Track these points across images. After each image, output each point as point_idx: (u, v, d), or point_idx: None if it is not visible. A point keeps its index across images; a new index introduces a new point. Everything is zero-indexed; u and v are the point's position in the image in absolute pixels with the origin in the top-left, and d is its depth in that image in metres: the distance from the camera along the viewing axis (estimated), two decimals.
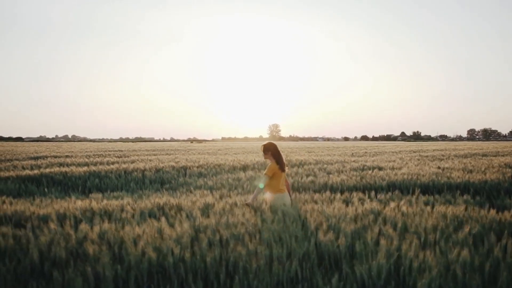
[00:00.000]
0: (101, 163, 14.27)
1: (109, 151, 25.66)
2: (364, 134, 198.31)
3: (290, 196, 5.78)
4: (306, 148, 33.26)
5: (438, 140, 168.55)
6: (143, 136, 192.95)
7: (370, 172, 10.43)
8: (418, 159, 15.85)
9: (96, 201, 6.38)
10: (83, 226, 4.50)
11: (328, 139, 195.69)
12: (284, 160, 5.55)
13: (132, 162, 14.82)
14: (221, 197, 6.75)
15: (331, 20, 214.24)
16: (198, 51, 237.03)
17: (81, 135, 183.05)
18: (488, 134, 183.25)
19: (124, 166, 12.33)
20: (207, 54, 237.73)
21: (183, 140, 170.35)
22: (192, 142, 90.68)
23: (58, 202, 6.53)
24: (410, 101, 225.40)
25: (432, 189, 8.11)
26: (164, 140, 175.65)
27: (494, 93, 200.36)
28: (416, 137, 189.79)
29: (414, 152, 23.15)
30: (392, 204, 5.49)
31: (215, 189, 8.42)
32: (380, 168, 11.73)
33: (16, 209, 5.95)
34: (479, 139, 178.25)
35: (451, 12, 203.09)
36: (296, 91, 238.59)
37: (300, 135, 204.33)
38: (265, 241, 3.83)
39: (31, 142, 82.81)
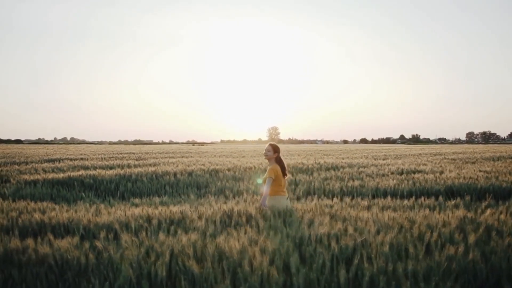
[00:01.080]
0: (127, 166, 13.73)
1: (122, 153, 25.10)
2: (363, 137, 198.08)
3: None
4: (319, 150, 32.78)
5: (437, 143, 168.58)
6: (141, 139, 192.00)
7: (415, 176, 9.95)
8: (450, 162, 15.38)
9: (153, 208, 5.87)
10: (164, 238, 4.00)
11: (327, 142, 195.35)
12: (286, 165, 5.49)
13: (155, 165, 14.29)
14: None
15: (331, 23, 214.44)
16: (197, 54, 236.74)
17: (80, 137, 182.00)
18: (487, 137, 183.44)
19: (152, 169, 11.80)
20: (206, 57, 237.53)
21: (183, 143, 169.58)
22: (193, 145, 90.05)
23: (111, 209, 6.01)
24: (409, 104, 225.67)
25: (499, 194, 7.64)
26: (163, 143, 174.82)
27: (492, 96, 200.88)
28: (416, 140, 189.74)
29: (436, 155, 22.70)
30: (488, 211, 5.02)
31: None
32: (420, 172, 11.24)
33: (69, 216, 5.43)
34: (478, 142, 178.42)
35: (450, 16, 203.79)
36: (295, 94, 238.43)
37: (299, 138, 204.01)
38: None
39: (31, 145, 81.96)
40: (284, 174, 5.37)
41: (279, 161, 5.37)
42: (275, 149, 5.39)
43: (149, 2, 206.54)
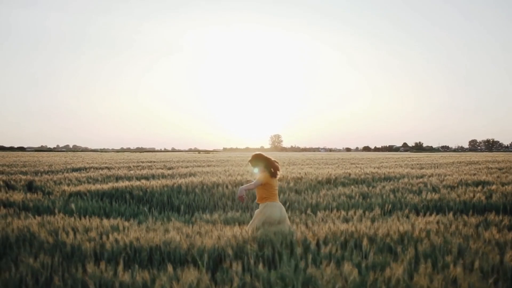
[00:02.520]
0: (163, 176, 12.97)
1: (143, 161, 24.34)
2: (366, 145, 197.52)
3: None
4: (339, 159, 32.00)
5: (440, 151, 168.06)
6: (144, 146, 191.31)
7: (491, 187, 9.18)
8: (503, 172, 14.59)
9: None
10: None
11: (330, 150, 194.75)
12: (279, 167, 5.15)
13: (191, 174, 13.55)
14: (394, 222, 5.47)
15: (332, 30, 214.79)
16: (197, 61, 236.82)
17: (82, 145, 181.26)
18: (491, 145, 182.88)
19: (196, 179, 11.02)
20: (206, 64, 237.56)
21: (185, 151, 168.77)
22: (199, 153, 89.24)
23: (202, 229, 5.24)
24: (410, 111, 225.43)
25: None
26: (166, 151, 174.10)
27: (494, 104, 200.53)
28: (419, 147, 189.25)
29: (472, 163, 21.91)
30: None
31: (347, 208, 7.17)
32: (487, 183, 10.45)
33: (161, 238, 4.65)
34: (481, 150, 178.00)
35: (452, 23, 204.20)
36: (297, 102, 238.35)
37: (301, 146, 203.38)
38: None
39: (36, 152, 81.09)
40: (274, 176, 5.01)
41: (267, 162, 5.03)
42: (254, 161, 5.13)
43: (148, 9, 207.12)
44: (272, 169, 5.00)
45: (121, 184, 10.11)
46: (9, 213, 6.73)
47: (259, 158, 5.12)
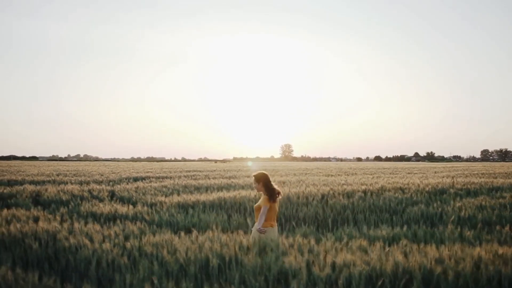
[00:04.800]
0: (235, 187, 12.12)
1: (188, 171, 23.53)
2: (377, 155, 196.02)
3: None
4: (369, 168, 31.03)
5: (452, 161, 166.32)
6: (154, 156, 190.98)
7: None
8: None
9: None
10: None
11: (341, 160, 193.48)
12: (277, 188, 5.10)
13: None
14: None
15: (340, 39, 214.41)
16: (204, 71, 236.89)
17: (93, 154, 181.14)
18: (504, 155, 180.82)
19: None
20: (214, 74, 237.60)
21: (196, 160, 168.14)
22: (215, 162, 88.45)
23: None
24: (422, 121, 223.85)
25: None
26: (176, 160, 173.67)
27: (507, 113, 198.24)
28: (430, 157, 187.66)
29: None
30: None
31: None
32: None
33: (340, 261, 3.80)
34: (493, 160, 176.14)
35: (461, 31, 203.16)
36: (306, 111, 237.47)
37: (312, 155, 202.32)
38: None
39: (51, 161, 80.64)
40: (273, 199, 4.97)
41: (267, 186, 4.99)
42: (256, 179, 5.08)
43: (152, 19, 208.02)
44: (271, 194, 4.94)
45: (225, 194, 9.26)
46: (142, 228, 5.87)
47: (261, 179, 5.04)
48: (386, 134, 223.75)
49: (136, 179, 15.80)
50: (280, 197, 5.12)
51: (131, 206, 8.23)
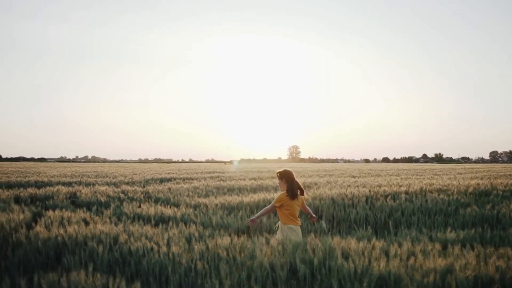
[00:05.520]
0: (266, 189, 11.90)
1: (208, 173, 23.34)
2: (385, 156, 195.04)
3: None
4: (403, 170, 30.67)
5: (460, 162, 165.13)
6: (161, 158, 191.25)
7: None
8: None
9: None
10: None
11: (349, 161, 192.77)
12: (301, 186, 5.11)
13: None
14: None
15: (344, 40, 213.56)
16: (210, 72, 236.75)
17: (101, 156, 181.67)
18: None
19: (323, 191, 9.91)
20: (220, 75, 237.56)
21: (203, 162, 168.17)
22: (225, 164, 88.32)
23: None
24: (429, 122, 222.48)
25: None
26: (183, 161, 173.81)
27: None
28: (438, 159, 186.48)
29: None
30: None
31: None
32: None
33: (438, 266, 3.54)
34: (502, 161, 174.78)
35: (466, 32, 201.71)
36: (311, 112, 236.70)
37: (319, 157, 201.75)
38: None
39: (60, 163, 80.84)
40: (293, 197, 4.95)
41: (291, 184, 4.96)
42: (281, 176, 5.07)
43: (153, 21, 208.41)
44: (291, 191, 4.95)
45: (267, 196, 9.03)
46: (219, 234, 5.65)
47: (284, 176, 5.04)
48: (392, 135, 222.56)
49: (162, 180, 15.61)
50: (306, 197, 5.17)
51: (175, 208, 8.04)
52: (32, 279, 4.02)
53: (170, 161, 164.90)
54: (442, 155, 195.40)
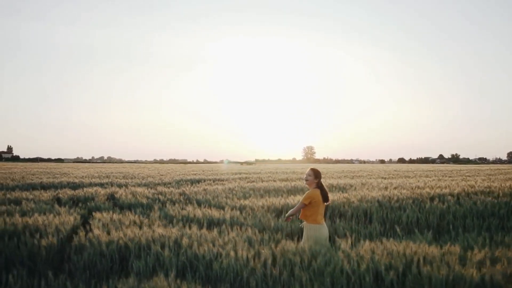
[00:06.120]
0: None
1: (229, 173, 23.28)
2: (401, 157, 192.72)
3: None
4: (444, 171, 30.14)
5: (477, 163, 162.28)
6: (176, 158, 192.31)
7: None
8: None
9: None
10: None
11: (364, 162, 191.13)
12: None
13: (342, 188, 12.24)
14: None
15: (358, 42, 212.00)
16: (223, 73, 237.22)
17: (116, 156, 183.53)
18: None
19: (366, 193, 9.69)
20: (234, 76, 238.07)
21: (218, 162, 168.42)
22: (242, 164, 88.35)
23: None
24: (447, 123, 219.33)
25: None
26: (198, 162, 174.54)
27: None
28: (455, 159, 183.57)
29: None
30: None
31: None
32: None
33: None
34: None
35: (482, 33, 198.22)
36: (325, 113, 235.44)
37: (334, 158, 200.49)
38: None
39: (78, 163, 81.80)
40: (326, 200, 4.99)
41: (320, 187, 4.98)
42: (316, 174, 5.03)
43: (165, 22, 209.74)
44: (324, 196, 4.95)
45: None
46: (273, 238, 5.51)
47: (317, 174, 5.03)
48: (405, 136, 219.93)
49: (192, 181, 15.56)
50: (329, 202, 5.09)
51: (221, 211, 7.93)
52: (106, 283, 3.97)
53: (185, 162, 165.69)
54: (459, 155, 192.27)
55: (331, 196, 9.41)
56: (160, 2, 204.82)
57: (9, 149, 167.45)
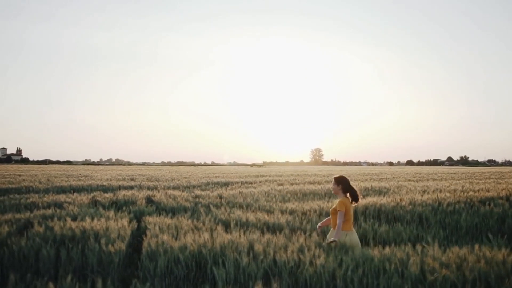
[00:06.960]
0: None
1: (252, 176, 23.14)
2: (409, 159, 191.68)
3: None
4: (447, 173, 29.77)
5: (486, 165, 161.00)
6: (184, 160, 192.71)
7: None
8: None
9: None
10: None
11: (372, 164, 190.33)
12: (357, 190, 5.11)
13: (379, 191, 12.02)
14: None
15: (364, 45, 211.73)
16: (230, 75, 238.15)
17: (123, 158, 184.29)
18: None
19: (411, 196, 9.46)
20: (242, 78, 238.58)
21: (225, 164, 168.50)
22: (251, 166, 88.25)
23: None
24: (454, 124, 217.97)
25: None
26: (206, 164, 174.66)
27: None
28: (464, 162, 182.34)
29: None
30: None
31: None
32: None
33: None
34: None
35: (486, 36, 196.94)
36: (332, 115, 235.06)
37: (342, 160, 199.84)
38: None
39: (87, 165, 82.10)
40: (356, 200, 5.02)
41: (348, 189, 5.00)
42: (337, 181, 5.06)
43: (172, 23, 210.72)
44: (354, 196, 4.97)
45: (375, 200, 8.69)
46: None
47: (342, 182, 5.03)
48: (418, 138, 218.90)
49: (221, 185, 15.41)
50: (355, 204, 5.05)
51: (271, 215, 7.75)
52: None
53: (193, 164, 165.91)
54: (468, 157, 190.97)
55: (370, 199, 9.22)
56: (165, 4, 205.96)
57: (18, 151, 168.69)
